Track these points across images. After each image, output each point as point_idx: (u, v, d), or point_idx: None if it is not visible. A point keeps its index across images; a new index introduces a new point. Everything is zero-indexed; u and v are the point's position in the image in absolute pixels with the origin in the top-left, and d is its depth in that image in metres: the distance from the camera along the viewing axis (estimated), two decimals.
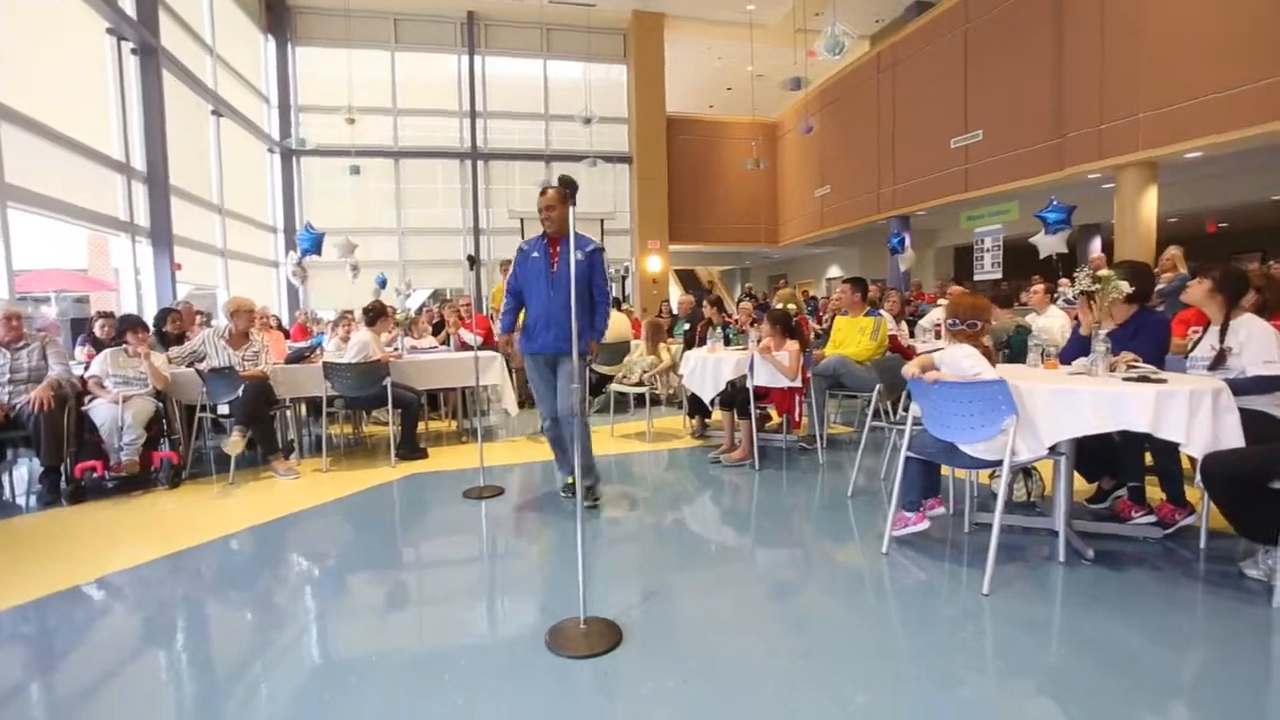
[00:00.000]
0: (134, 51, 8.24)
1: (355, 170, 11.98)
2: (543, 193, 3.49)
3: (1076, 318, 3.55)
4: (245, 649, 2.23)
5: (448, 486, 4.09)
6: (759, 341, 4.50)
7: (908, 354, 4.97)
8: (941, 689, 1.82)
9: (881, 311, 5.08)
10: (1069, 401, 2.49)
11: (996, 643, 2.10)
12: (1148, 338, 2.98)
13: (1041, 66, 9.37)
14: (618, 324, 6.70)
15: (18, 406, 3.99)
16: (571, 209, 2.31)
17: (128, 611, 2.60)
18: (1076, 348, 3.22)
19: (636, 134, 14.42)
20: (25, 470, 4.82)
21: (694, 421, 5.51)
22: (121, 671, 2.11)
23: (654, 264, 14.48)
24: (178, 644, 2.31)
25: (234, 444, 4.27)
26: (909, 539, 2.90)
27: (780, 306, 5.53)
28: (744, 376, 4.37)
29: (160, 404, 4.43)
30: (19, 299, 6.86)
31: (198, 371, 4.52)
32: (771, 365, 4.32)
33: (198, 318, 6.70)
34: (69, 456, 4.05)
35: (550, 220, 3.48)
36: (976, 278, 10.81)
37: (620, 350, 6.17)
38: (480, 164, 13.89)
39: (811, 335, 5.62)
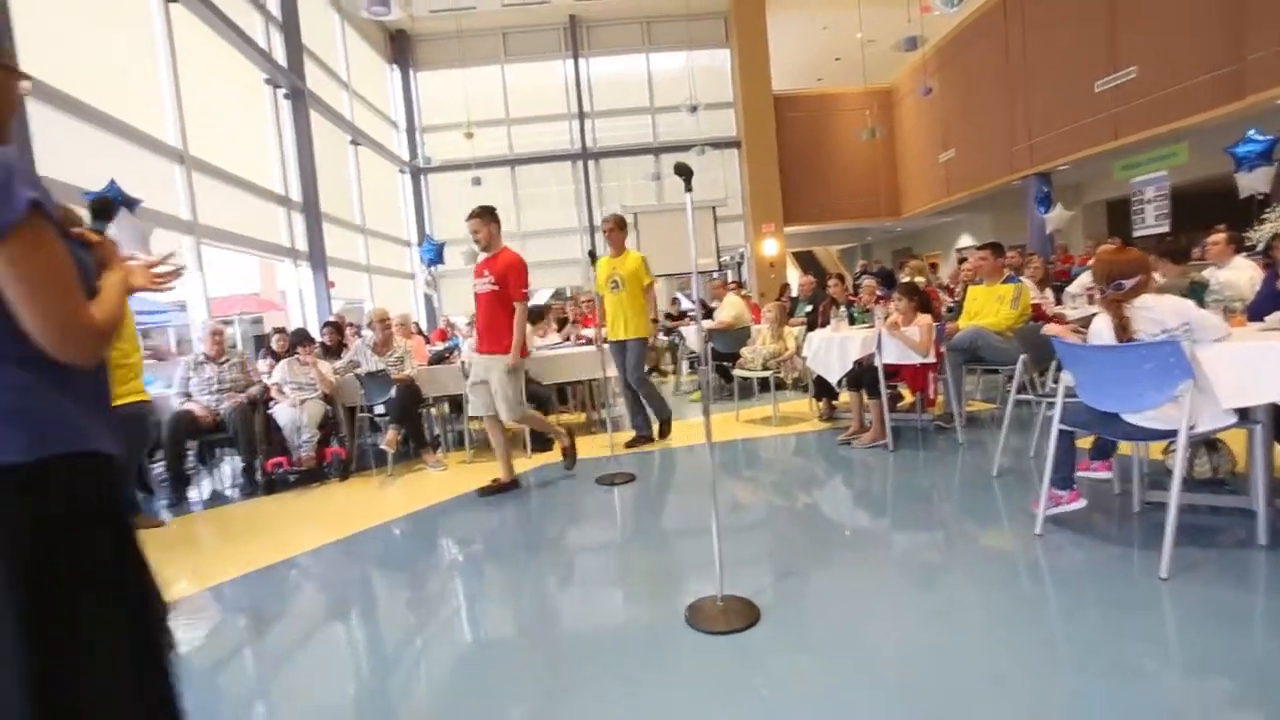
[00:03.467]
0: (286, 96, 9.24)
1: (477, 181, 12.69)
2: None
3: (1269, 267, 3.10)
4: (409, 624, 2.48)
5: (581, 474, 4.28)
6: (886, 318, 4.32)
7: (1054, 323, 4.57)
8: (1115, 681, 1.68)
9: (1022, 278, 4.70)
10: (1262, 362, 2.20)
11: (1182, 632, 1.91)
12: None
13: None
14: (737, 309, 6.65)
15: (224, 412, 4.64)
16: (689, 195, 2.34)
17: (315, 587, 2.97)
18: (1269, 301, 2.82)
19: (744, 117, 14.18)
20: (229, 467, 5.59)
21: (821, 404, 5.38)
22: (312, 637, 2.43)
23: (770, 247, 14.20)
24: (354, 617, 2.61)
25: (390, 440, 4.73)
26: (1066, 519, 2.69)
27: (909, 280, 5.26)
28: (872, 355, 4.21)
29: (329, 406, 4.98)
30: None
31: (356, 376, 5.03)
32: (901, 342, 4.13)
33: (349, 329, 7.42)
34: (261, 454, 4.66)
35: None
36: (1137, 233, 9.65)
37: (741, 335, 6.14)
38: (591, 163, 14.26)
39: (944, 309, 5.29)
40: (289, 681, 2.14)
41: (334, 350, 6.11)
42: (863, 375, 4.32)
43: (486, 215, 3.96)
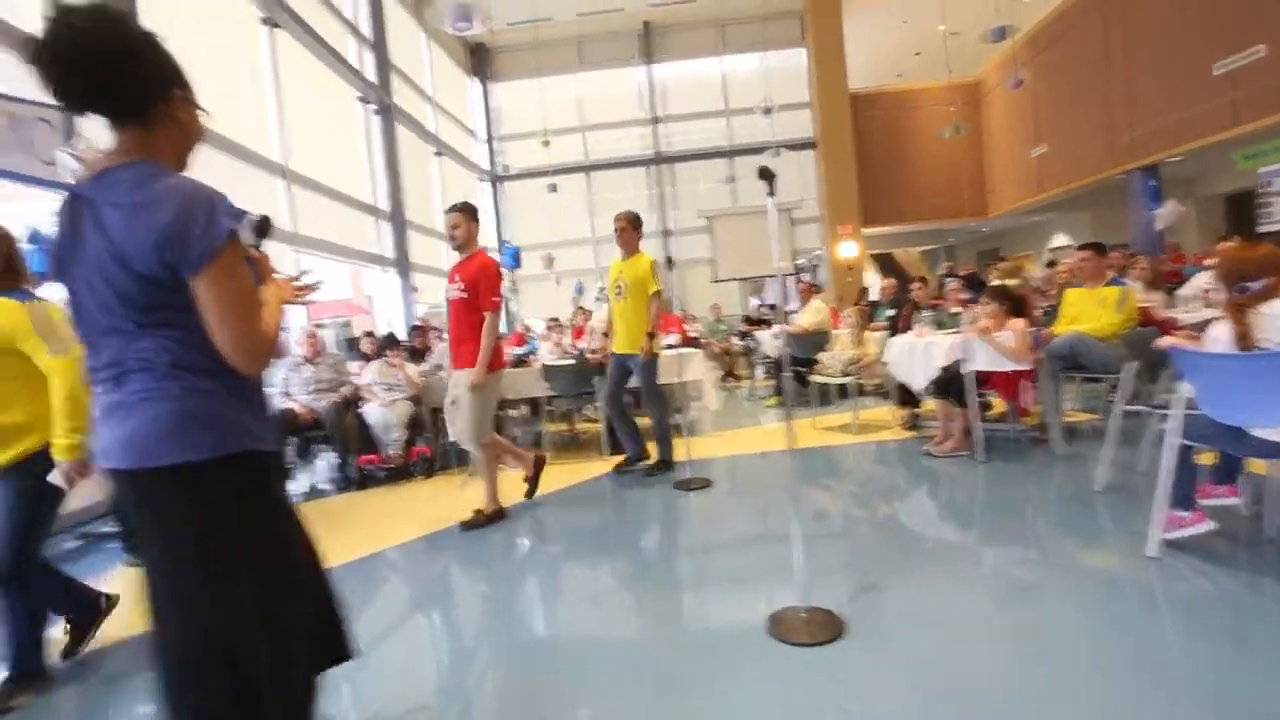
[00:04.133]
0: (376, 112, 9.73)
1: (553, 188, 12.97)
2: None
3: None
4: (484, 621, 2.55)
5: (657, 478, 4.29)
6: (974, 322, 4.12)
7: (1165, 328, 4.23)
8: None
9: (1126, 280, 4.39)
10: None
11: None
12: None
13: None
14: (820, 313, 6.51)
15: (321, 411, 4.92)
16: (771, 199, 2.32)
17: (404, 580, 3.11)
18: None
19: (820, 117, 13.89)
20: (325, 462, 5.93)
21: (904, 412, 5.20)
22: (401, 626, 2.54)
23: (848, 250, 13.83)
24: (436, 612, 2.71)
25: None
26: (1185, 543, 2.48)
27: (1000, 282, 5.01)
28: (959, 361, 4.03)
29: (416, 407, 5.20)
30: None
31: (440, 378, 5.23)
32: (993, 348, 3.93)
33: (433, 333, 7.73)
34: (353, 451, 4.92)
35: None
36: (1263, 229, 8.82)
37: (819, 341, 6.01)
38: (665, 168, 14.32)
39: (1039, 313, 5.01)
40: (380, 665, 2.25)
41: (419, 353, 6.38)
42: (950, 383, 4.14)
43: (468, 211, 3.65)
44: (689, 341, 6.29)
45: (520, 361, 5.74)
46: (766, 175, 2.29)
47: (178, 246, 1.13)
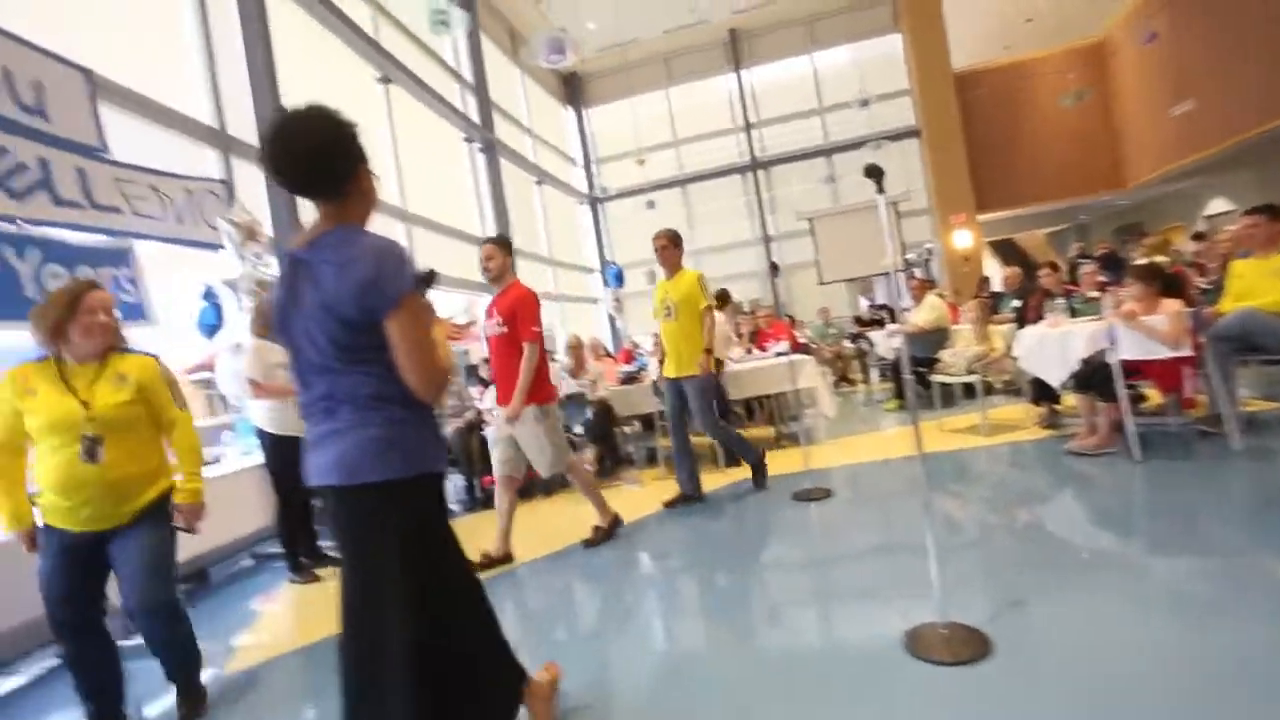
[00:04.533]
0: (480, 150, 10.33)
1: (651, 205, 13.17)
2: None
3: None
4: (609, 637, 2.60)
5: (775, 490, 4.21)
6: (1117, 306, 3.75)
7: None
8: None
9: None
10: None
11: None
12: None
13: None
14: (938, 310, 6.17)
15: (448, 435, 5.25)
16: (881, 196, 2.23)
17: (530, 596, 3.23)
18: None
19: (921, 103, 13.22)
20: (452, 484, 6.30)
21: (1041, 409, 4.79)
22: (524, 643, 2.63)
23: (962, 240, 13.01)
24: (561, 628, 2.79)
25: (588, 459, 5.03)
26: None
27: (1147, 260, 4.53)
28: (1103, 351, 3.67)
29: None
30: None
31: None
32: (1142, 334, 3.56)
33: (454, 381, 8.04)
34: (478, 473, 5.20)
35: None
36: None
37: (939, 338, 5.69)
38: (761, 173, 14.16)
39: (1198, 291, 4.47)
40: None
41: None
42: (1093, 375, 3.78)
43: (502, 244, 3.50)
44: (798, 348, 6.14)
45: (630, 378, 5.84)
46: (874, 173, 2.22)
47: (375, 294, 1.40)
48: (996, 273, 11.65)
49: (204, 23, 5.31)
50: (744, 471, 4.76)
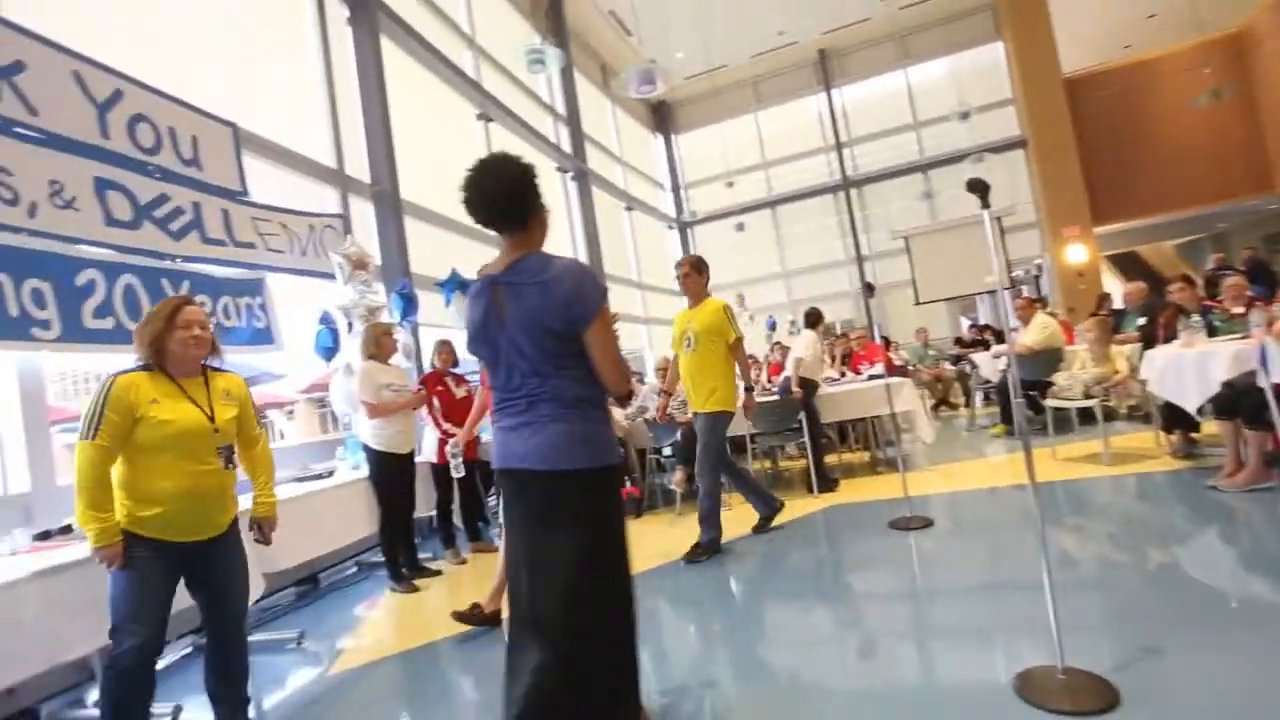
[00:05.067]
0: (573, 179, 10.69)
1: (740, 227, 13.13)
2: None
3: None
4: (695, 666, 2.54)
5: (871, 517, 4.03)
6: (1271, 324, 3.35)
7: None
8: None
9: None
10: None
11: None
12: None
13: None
14: (1049, 329, 5.77)
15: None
16: (986, 211, 2.12)
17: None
18: None
19: (1027, 112, 12.49)
20: None
21: (1174, 438, 4.35)
22: None
23: (1076, 254, 12.11)
24: (649, 647, 2.75)
25: (678, 480, 5.01)
26: None
27: None
28: (1251, 373, 3.29)
29: (622, 449, 5.47)
30: None
31: (645, 421, 5.46)
32: None
33: (634, 377, 8.12)
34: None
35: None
36: None
37: (1051, 360, 5.30)
38: (853, 192, 13.82)
39: None
40: None
41: (624, 397, 6.73)
42: (1239, 400, 3.39)
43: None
44: (894, 370, 5.90)
45: None
46: (978, 187, 2.10)
47: (578, 307, 1.67)
48: (1117, 289, 10.78)
49: (328, 75, 5.83)
50: (837, 497, 4.60)
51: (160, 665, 3.13)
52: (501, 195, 1.75)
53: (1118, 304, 8.24)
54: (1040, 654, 1.98)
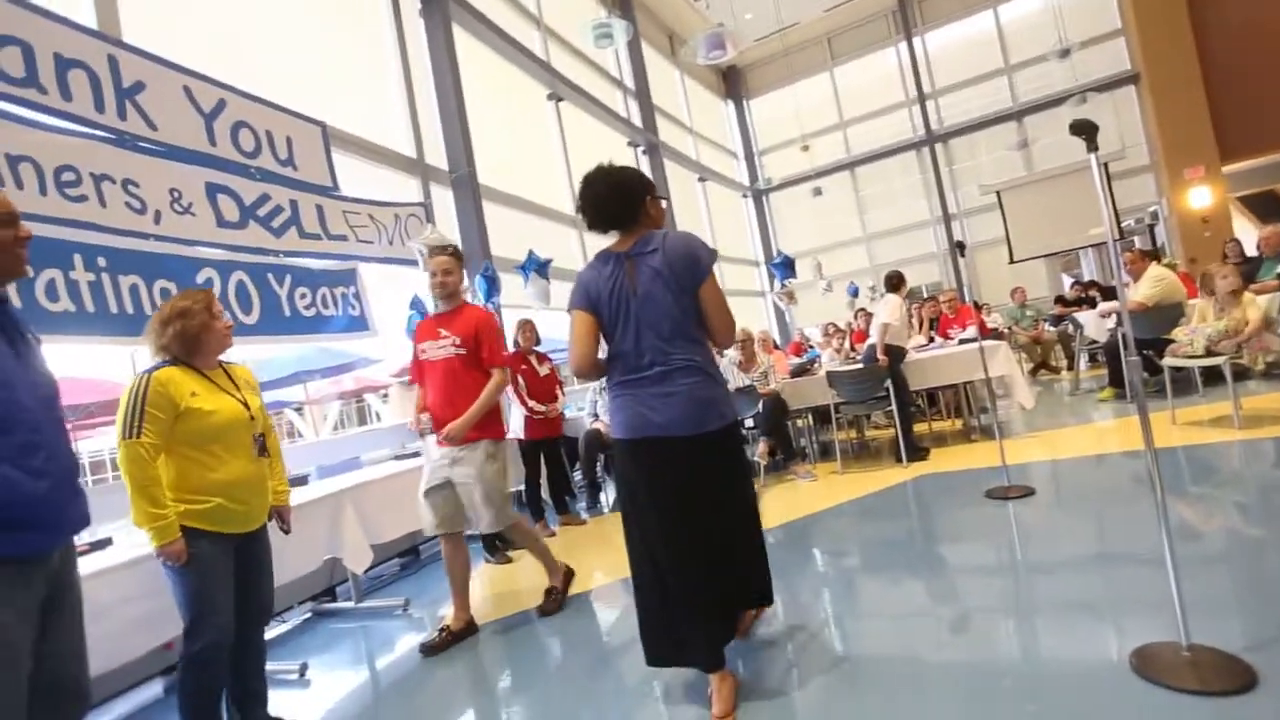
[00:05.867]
0: (644, 152, 10.61)
1: (818, 192, 12.67)
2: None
3: None
4: (787, 637, 2.53)
5: (965, 486, 3.87)
6: None
7: None
8: None
9: None
10: None
11: None
12: None
13: None
14: (1166, 281, 5.28)
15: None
16: (1094, 155, 1.95)
17: None
18: None
19: (1141, 43, 11.31)
20: None
21: None
22: None
23: (1199, 198, 10.97)
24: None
25: (761, 452, 4.97)
26: None
27: None
28: None
29: None
30: None
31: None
32: None
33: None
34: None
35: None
36: None
37: (1170, 315, 4.86)
38: (939, 147, 13.04)
39: None
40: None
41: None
42: None
43: (459, 256, 3.04)
44: (987, 333, 5.58)
45: (802, 370, 5.68)
46: (1084, 129, 1.89)
47: (696, 267, 1.96)
48: (1249, 234, 9.73)
49: (405, 66, 6.03)
50: (927, 466, 4.45)
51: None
52: (615, 203, 2.06)
53: (1250, 251, 7.43)
54: (1159, 630, 1.85)
